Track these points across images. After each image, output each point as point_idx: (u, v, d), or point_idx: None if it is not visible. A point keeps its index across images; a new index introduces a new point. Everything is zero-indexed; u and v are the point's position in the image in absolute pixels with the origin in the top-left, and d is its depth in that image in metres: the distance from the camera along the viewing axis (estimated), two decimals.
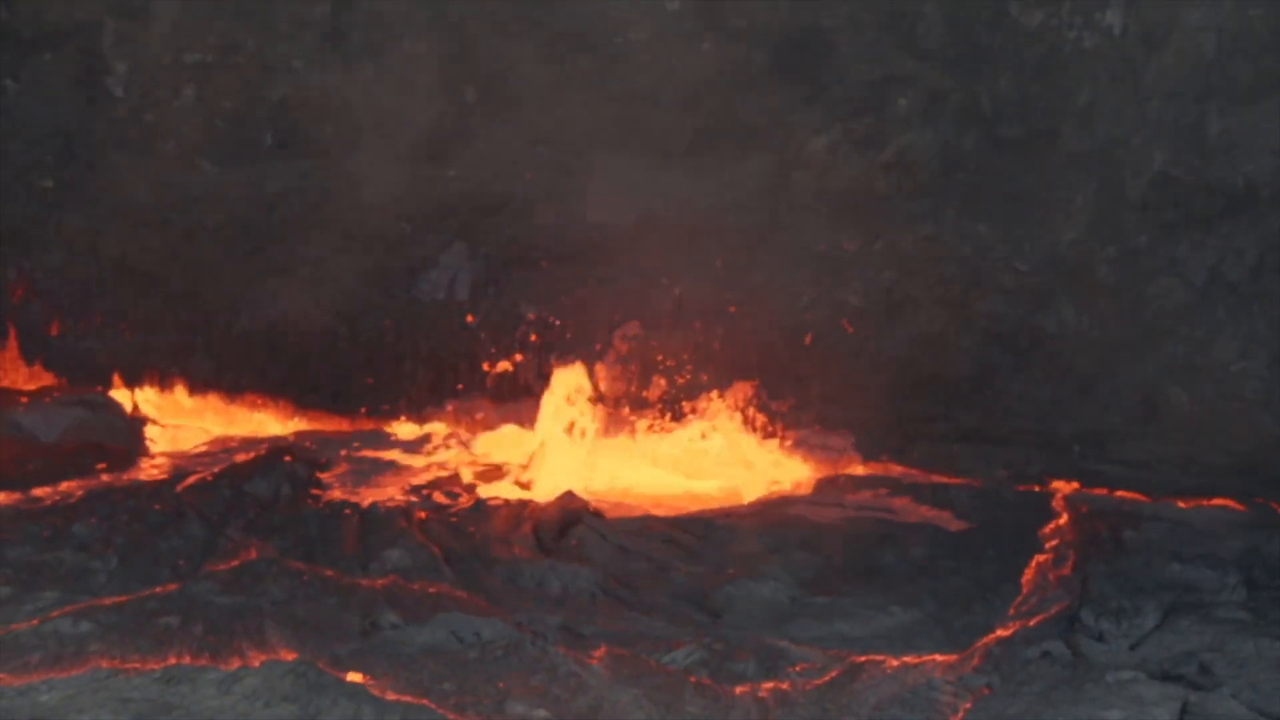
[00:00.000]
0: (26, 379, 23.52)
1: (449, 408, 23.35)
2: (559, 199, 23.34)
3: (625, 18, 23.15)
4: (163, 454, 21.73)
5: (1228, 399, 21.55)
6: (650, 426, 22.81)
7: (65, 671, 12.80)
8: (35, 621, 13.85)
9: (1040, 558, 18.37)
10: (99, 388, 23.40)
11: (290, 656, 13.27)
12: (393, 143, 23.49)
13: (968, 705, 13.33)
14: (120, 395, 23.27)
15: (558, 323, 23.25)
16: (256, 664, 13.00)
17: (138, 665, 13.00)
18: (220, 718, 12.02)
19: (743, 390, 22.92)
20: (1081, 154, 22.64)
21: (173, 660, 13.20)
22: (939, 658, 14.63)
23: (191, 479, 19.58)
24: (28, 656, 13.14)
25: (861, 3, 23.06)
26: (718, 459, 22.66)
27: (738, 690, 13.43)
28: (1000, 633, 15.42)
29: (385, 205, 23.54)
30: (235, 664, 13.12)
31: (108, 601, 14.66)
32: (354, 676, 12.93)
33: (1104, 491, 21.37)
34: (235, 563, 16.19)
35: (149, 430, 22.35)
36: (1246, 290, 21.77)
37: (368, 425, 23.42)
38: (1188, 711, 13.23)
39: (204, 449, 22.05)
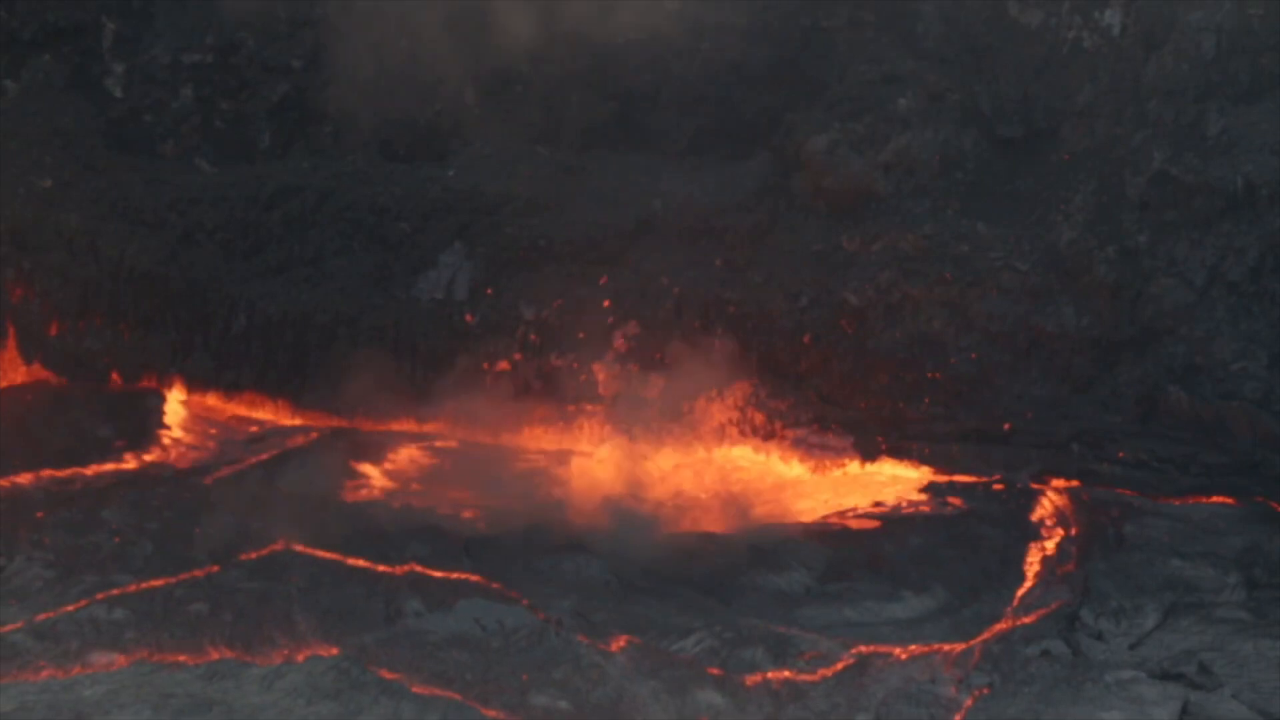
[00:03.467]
0: (25, 378, 23.49)
1: (448, 407, 23.32)
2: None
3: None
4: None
5: (1227, 398, 21.55)
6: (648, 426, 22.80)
7: (109, 666, 12.86)
8: (71, 608, 13.92)
9: (1040, 557, 18.39)
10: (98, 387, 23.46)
11: (326, 652, 13.38)
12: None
13: (969, 702, 13.37)
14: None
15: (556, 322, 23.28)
16: (300, 659, 13.08)
17: (180, 658, 13.03)
18: (262, 714, 12.05)
19: (741, 389, 22.90)
20: (1081, 153, 22.66)
21: (214, 655, 13.24)
22: (945, 647, 14.76)
23: (225, 469, 19.99)
24: (67, 644, 13.20)
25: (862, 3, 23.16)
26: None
27: (750, 682, 13.56)
28: (1001, 627, 15.48)
29: (385, 205, 23.61)
30: (277, 660, 13.17)
31: (141, 587, 14.73)
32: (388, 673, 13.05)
33: (1104, 490, 21.37)
34: (264, 551, 16.27)
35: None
36: (1246, 290, 21.78)
37: (367, 424, 23.39)
38: (1188, 711, 13.26)
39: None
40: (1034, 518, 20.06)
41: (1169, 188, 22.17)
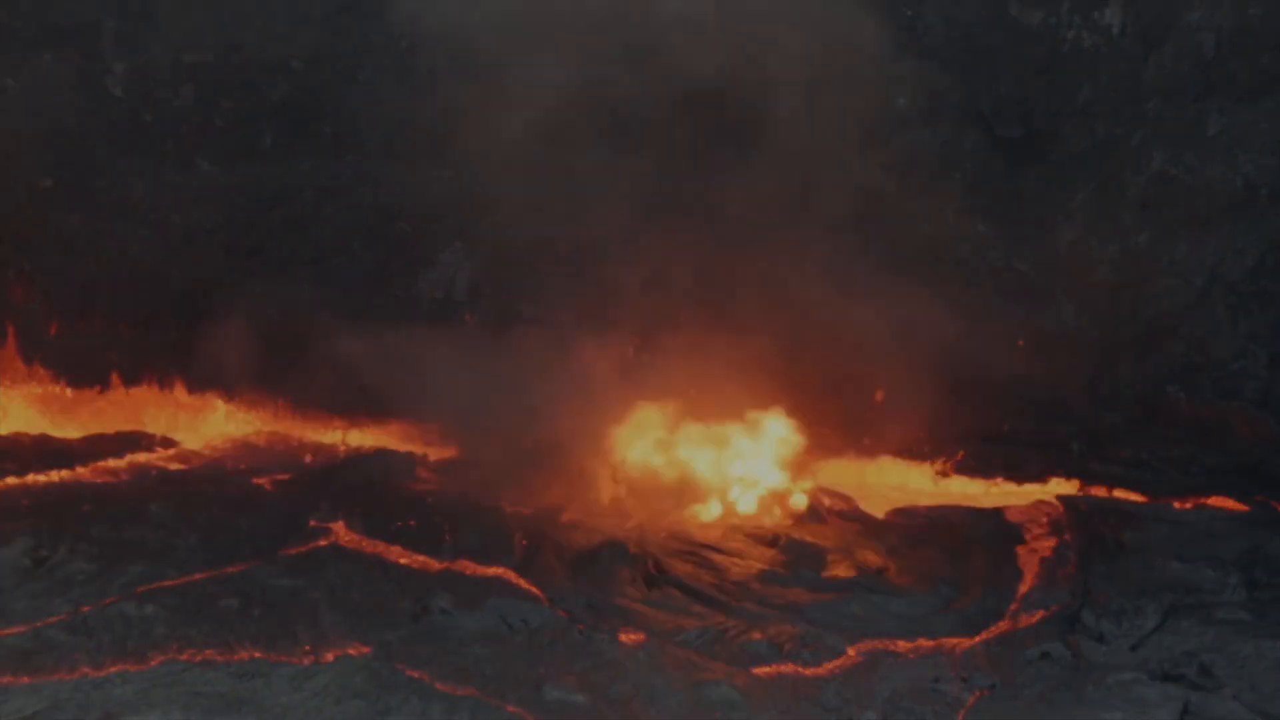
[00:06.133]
0: (25, 378, 23.51)
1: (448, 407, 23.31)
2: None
3: None
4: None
5: (1227, 399, 21.58)
6: None
7: (141, 664, 12.87)
8: (105, 602, 13.94)
9: (1040, 558, 18.41)
10: (97, 386, 23.49)
11: (356, 651, 13.44)
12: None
13: (970, 701, 13.42)
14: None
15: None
16: (329, 658, 13.12)
17: (210, 656, 13.04)
18: (291, 714, 12.07)
19: (741, 389, 22.90)
20: (1081, 153, 22.67)
21: (244, 654, 13.26)
22: (949, 641, 14.89)
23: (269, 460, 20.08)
24: (100, 638, 13.22)
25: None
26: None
27: (764, 676, 13.67)
28: (1001, 629, 15.52)
29: (385, 205, 23.62)
30: (307, 660, 13.21)
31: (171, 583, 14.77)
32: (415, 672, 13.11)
33: (1104, 491, 21.41)
34: (304, 548, 16.33)
35: None
36: (1246, 290, 21.80)
37: (367, 424, 23.40)
38: (1189, 712, 13.29)
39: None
40: (1034, 519, 20.09)
41: (1169, 188, 22.20)
